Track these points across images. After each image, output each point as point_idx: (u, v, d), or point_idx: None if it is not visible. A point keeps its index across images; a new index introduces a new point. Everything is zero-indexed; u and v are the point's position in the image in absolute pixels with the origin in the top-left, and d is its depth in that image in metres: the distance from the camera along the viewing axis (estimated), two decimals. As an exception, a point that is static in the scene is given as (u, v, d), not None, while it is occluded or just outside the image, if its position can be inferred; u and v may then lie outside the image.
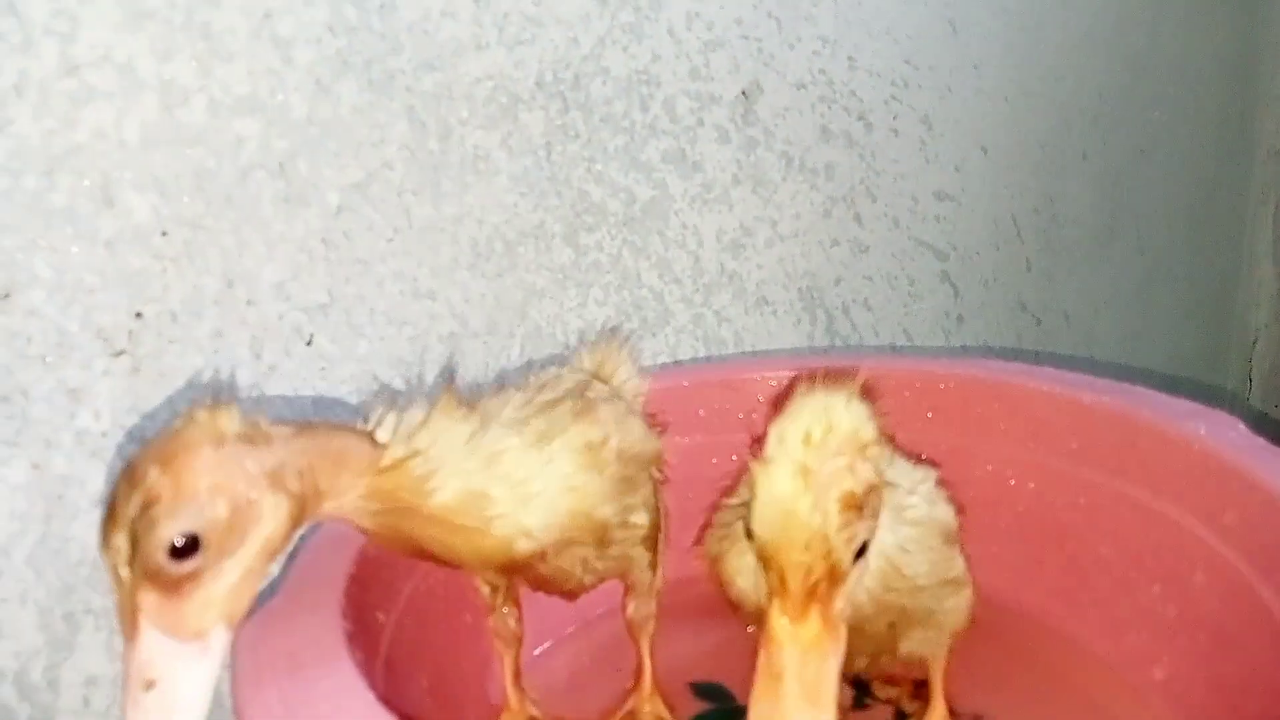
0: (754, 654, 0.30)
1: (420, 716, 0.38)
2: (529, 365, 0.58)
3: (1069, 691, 0.46)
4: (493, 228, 0.56)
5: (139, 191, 0.44)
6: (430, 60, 0.52)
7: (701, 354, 0.66)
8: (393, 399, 0.37)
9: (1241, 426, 0.44)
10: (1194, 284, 1.06)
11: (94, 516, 0.45)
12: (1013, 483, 0.50)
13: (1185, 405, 0.46)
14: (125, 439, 0.45)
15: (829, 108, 0.70)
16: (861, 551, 0.31)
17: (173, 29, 0.44)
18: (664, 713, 0.45)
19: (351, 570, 0.36)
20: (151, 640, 0.30)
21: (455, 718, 0.42)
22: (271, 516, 0.31)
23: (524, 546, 0.36)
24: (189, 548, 0.30)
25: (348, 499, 0.34)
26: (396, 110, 0.51)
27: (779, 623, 0.30)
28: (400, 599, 0.41)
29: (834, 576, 0.30)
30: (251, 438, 0.32)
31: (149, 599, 0.30)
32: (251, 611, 0.32)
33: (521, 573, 0.39)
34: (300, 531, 0.34)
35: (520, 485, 0.36)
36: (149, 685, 0.29)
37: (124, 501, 0.30)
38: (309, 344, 0.50)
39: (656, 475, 0.44)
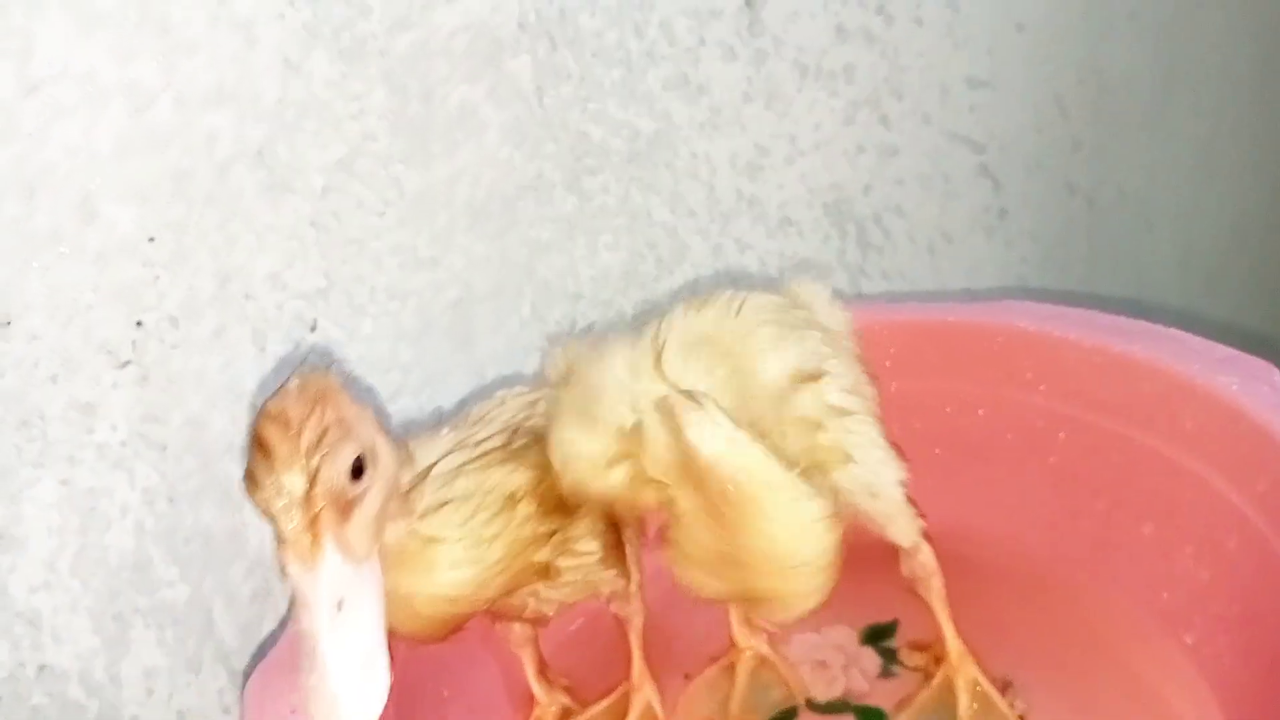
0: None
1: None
2: (541, 323, 0.57)
3: (1099, 656, 0.45)
4: (489, 185, 0.54)
5: (120, 202, 0.44)
6: (401, 18, 0.49)
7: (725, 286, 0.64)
8: None
9: (1278, 378, 0.41)
10: (1260, 141, 0.99)
11: (126, 524, 0.46)
12: (1042, 435, 0.48)
13: (1222, 352, 0.43)
14: (145, 447, 0.46)
15: (843, 4, 0.65)
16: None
17: (128, 29, 0.42)
18: (655, 700, 0.45)
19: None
20: (336, 562, 0.31)
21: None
22: (386, 454, 0.34)
23: (449, 610, 0.37)
24: (359, 469, 0.32)
25: None
26: (372, 77, 0.49)
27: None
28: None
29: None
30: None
31: (331, 523, 0.31)
32: (260, 658, 0.32)
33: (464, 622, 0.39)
34: None
35: (440, 544, 0.36)
36: (340, 605, 0.31)
37: (284, 442, 0.31)
38: (313, 330, 0.50)
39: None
